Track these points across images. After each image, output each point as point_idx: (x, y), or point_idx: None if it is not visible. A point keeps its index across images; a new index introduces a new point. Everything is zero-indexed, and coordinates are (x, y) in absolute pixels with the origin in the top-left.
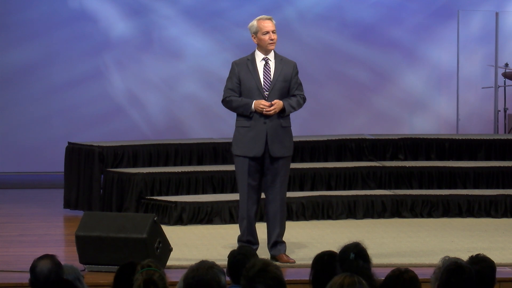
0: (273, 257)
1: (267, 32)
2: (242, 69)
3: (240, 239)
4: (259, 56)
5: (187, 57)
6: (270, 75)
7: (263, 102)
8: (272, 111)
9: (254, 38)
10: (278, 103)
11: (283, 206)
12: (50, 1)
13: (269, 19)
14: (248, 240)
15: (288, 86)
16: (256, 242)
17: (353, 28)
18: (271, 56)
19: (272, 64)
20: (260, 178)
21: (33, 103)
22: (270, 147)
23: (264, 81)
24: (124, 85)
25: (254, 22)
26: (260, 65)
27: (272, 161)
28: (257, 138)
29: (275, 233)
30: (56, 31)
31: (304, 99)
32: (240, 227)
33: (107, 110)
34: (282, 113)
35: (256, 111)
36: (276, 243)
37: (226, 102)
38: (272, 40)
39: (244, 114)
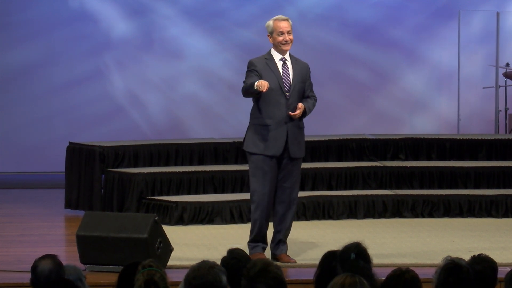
0: (274, 256)
1: (282, 33)
2: (263, 67)
3: (256, 239)
4: (276, 56)
5: (188, 57)
6: (289, 75)
7: (266, 83)
8: (298, 115)
9: (270, 37)
10: (302, 107)
11: (293, 207)
12: (50, 1)
13: (286, 19)
14: (262, 239)
15: (304, 87)
16: (267, 242)
17: (353, 28)
18: (287, 56)
19: (289, 64)
20: (275, 178)
21: (33, 103)
22: (290, 147)
23: (285, 82)
24: (124, 85)
25: (270, 22)
26: (279, 65)
27: (288, 162)
28: (278, 137)
29: (282, 232)
30: (57, 31)
31: (316, 100)
32: (256, 226)
33: (108, 110)
34: (303, 116)
35: (257, 88)
36: (279, 242)
37: (242, 90)
38: (286, 41)
39: (254, 93)
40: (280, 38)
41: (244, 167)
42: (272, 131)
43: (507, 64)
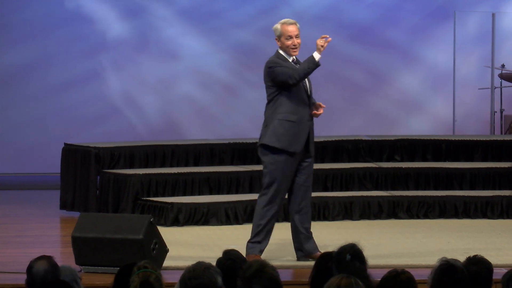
0: (310, 255)
1: (291, 37)
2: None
3: (257, 240)
4: (288, 57)
5: (184, 58)
6: None
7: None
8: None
9: (278, 41)
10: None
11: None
12: (46, 2)
13: (294, 23)
14: (265, 238)
15: None
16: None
17: (349, 29)
18: (295, 57)
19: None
20: (291, 177)
21: (29, 104)
22: (310, 145)
23: (305, 81)
24: (120, 86)
25: (278, 26)
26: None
27: (307, 160)
28: (300, 134)
29: (309, 228)
30: (53, 32)
31: None
32: (265, 224)
33: (104, 111)
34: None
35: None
36: (311, 238)
37: (298, 74)
38: (295, 45)
39: (312, 67)
40: (289, 43)
41: (239, 168)
42: (295, 128)
43: (503, 65)
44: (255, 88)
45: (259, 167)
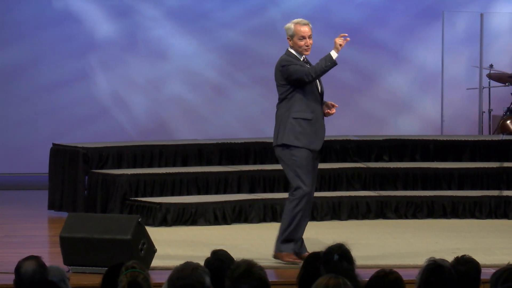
0: (300, 256)
1: (304, 38)
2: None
3: (290, 238)
4: (299, 56)
5: (173, 58)
6: None
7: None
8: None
9: (290, 40)
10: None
11: None
12: (35, 2)
13: (307, 24)
14: (297, 237)
15: None
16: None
17: (338, 29)
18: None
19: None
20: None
21: (18, 104)
22: (324, 143)
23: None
24: (109, 86)
25: (291, 26)
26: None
27: (317, 158)
28: (318, 132)
29: (304, 230)
30: (41, 32)
31: None
32: (296, 223)
33: (92, 111)
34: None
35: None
36: (303, 241)
37: (315, 72)
38: (307, 46)
39: (330, 66)
40: (302, 43)
41: (227, 168)
42: (313, 126)
43: (491, 65)
44: (244, 89)
45: (247, 167)
